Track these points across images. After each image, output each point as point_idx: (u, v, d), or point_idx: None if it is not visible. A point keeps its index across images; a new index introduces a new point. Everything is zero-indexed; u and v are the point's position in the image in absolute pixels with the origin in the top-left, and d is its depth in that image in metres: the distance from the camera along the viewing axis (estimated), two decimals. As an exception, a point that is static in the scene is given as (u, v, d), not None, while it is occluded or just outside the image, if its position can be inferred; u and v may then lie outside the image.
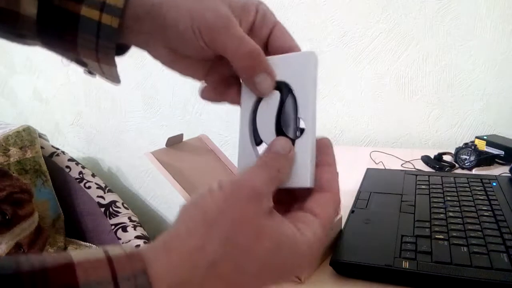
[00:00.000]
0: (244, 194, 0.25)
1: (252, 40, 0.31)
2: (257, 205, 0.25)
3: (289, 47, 0.33)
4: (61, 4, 0.31)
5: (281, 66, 0.32)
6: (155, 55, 0.35)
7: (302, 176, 0.30)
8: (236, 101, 0.35)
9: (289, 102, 0.32)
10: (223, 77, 0.36)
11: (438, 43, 1.03)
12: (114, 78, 0.36)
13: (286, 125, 0.32)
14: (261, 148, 0.33)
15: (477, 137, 0.93)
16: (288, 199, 0.32)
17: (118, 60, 0.35)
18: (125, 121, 1.48)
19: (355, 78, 1.12)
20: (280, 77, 0.32)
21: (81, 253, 0.22)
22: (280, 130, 0.32)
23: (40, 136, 1.43)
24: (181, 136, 0.71)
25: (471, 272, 0.46)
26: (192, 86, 1.32)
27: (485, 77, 1.02)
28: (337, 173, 0.31)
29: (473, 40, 1.00)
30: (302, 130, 0.31)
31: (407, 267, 0.48)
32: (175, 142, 0.70)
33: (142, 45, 0.35)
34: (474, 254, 0.49)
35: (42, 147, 1.40)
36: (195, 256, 0.23)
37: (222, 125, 1.33)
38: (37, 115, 1.62)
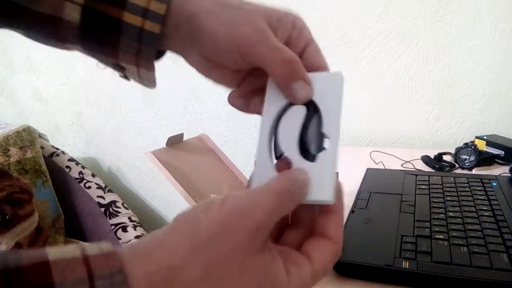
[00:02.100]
0: (243, 226, 0.24)
1: (289, 49, 0.32)
2: (252, 240, 0.25)
3: (319, 66, 0.34)
4: (104, 10, 0.32)
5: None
6: (191, 62, 0.36)
7: (325, 191, 0.30)
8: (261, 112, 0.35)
9: (314, 118, 0.32)
10: (255, 88, 0.36)
11: (438, 43, 1.03)
12: (150, 82, 0.36)
13: (309, 140, 0.32)
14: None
15: (477, 137, 0.93)
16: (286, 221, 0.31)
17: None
18: (125, 121, 1.48)
19: (355, 78, 1.12)
20: None
21: (57, 251, 0.22)
22: (303, 145, 0.32)
23: (40, 136, 1.43)
24: (181, 135, 0.71)
25: (471, 272, 0.46)
26: (192, 86, 1.32)
27: (485, 77, 1.02)
28: (343, 221, 0.31)
29: (473, 40, 1.00)
30: (323, 148, 0.31)
31: (407, 267, 0.48)
32: (175, 141, 0.70)
33: (178, 52, 0.35)
34: (474, 254, 0.49)
35: (42, 147, 1.40)
36: (173, 273, 0.23)
37: (222, 125, 1.33)
38: (37, 115, 1.62)
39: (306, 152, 0.32)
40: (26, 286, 0.20)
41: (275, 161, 0.33)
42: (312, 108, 0.32)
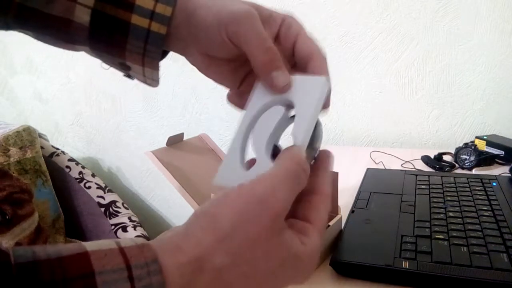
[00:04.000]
0: (263, 213, 0.25)
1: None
2: (272, 225, 0.26)
3: (310, 52, 0.35)
4: (113, 12, 0.34)
5: (293, 86, 0.33)
6: (191, 61, 0.37)
7: None
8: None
9: (289, 120, 0.33)
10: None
11: (438, 43, 1.03)
12: (153, 80, 0.38)
13: (277, 139, 0.33)
14: (248, 156, 0.33)
15: (477, 137, 0.93)
16: None
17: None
18: (125, 121, 1.48)
19: (355, 78, 1.12)
20: (288, 95, 0.33)
21: (94, 243, 0.22)
22: (271, 144, 0.32)
23: (40, 136, 1.43)
24: (181, 135, 0.71)
25: (471, 272, 0.46)
26: (192, 86, 1.32)
27: (485, 77, 1.02)
28: (330, 176, 0.31)
29: (473, 40, 1.00)
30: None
31: (407, 267, 0.48)
32: (175, 141, 0.70)
33: (180, 51, 0.37)
34: (474, 254, 0.49)
35: (42, 147, 1.40)
36: (201, 263, 0.24)
37: (222, 125, 1.33)
38: (37, 115, 1.62)
39: (273, 152, 0.32)
40: (68, 274, 0.20)
41: (243, 156, 0.33)
42: (290, 110, 0.33)
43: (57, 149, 1.44)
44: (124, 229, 1.27)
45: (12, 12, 0.35)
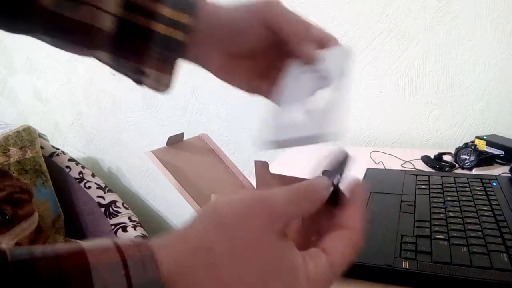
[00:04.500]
0: (264, 211, 0.26)
1: None
2: (272, 225, 0.26)
3: (324, 38, 0.41)
4: (135, 20, 0.36)
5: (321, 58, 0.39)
6: (215, 69, 0.40)
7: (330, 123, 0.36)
8: (268, 94, 0.40)
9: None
10: (262, 73, 0.41)
11: (438, 43, 1.03)
12: (166, 86, 0.40)
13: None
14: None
15: (477, 137, 0.93)
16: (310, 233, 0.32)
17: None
18: (125, 121, 1.48)
19: (355, 78, 1.12)
20: (317, 66, 0.39)
21: (90, 242, 0.23)
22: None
23: (40, 136, 1.43)
24: (181, 135, 0.71)
25: (471, 272, 0.46)
26: (192, 86, 1.32)
27: (485, 77, 1.02)
28: (362, 212, 0.30)
29: (473, 40, 1.00)
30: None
31: (407, 267, 0.48)
32: (175, 141, 0.70)
33: (199, 58, 0.40)
34: (474, 254, 0.49)
35: (42, 147, 1.40)
36: (200, 256, 0.24)
37: (222, 125, 1.33)
38: (37, 115, 1.62)
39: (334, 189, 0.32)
40: (65, 271, 0.21)
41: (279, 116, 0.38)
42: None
43: (57, 149, 1.44)
44: (124, 229, 1.27)
45: (43, 18, 0.36)
